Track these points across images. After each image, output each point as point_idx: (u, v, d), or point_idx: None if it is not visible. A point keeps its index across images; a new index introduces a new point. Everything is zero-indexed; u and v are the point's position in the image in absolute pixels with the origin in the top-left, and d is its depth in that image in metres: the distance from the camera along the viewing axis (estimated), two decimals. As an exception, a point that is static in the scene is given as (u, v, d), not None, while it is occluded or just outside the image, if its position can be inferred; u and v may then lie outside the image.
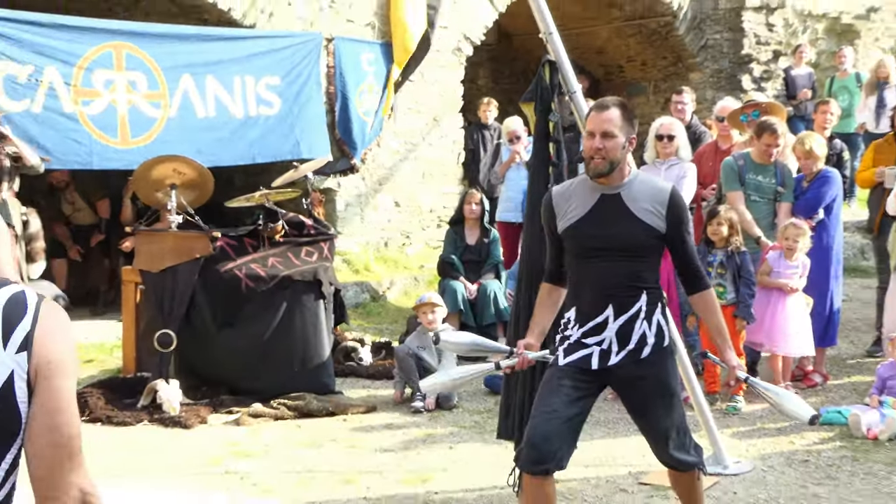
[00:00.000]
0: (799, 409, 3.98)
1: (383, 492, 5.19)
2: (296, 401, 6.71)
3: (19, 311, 1.67)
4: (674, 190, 3.98)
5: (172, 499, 5.13)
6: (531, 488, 3.84)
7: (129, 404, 6.65)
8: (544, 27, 4.97)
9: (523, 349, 3.99)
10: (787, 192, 7.20)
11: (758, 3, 13.23)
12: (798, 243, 6.79)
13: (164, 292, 6.98)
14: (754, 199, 7.14)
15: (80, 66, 8.69)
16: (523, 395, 4.91)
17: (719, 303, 4.91)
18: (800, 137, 7.59)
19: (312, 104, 10.03)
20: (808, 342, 6.88)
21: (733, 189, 7.13)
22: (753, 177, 7.15)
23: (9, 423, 1.66)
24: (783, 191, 7.19)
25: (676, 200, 3.92)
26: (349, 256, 10.43)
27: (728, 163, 7.30)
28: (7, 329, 1.66)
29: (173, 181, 7.32)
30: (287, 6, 10.10)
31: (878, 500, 5.04)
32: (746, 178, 7.14)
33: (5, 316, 1.66)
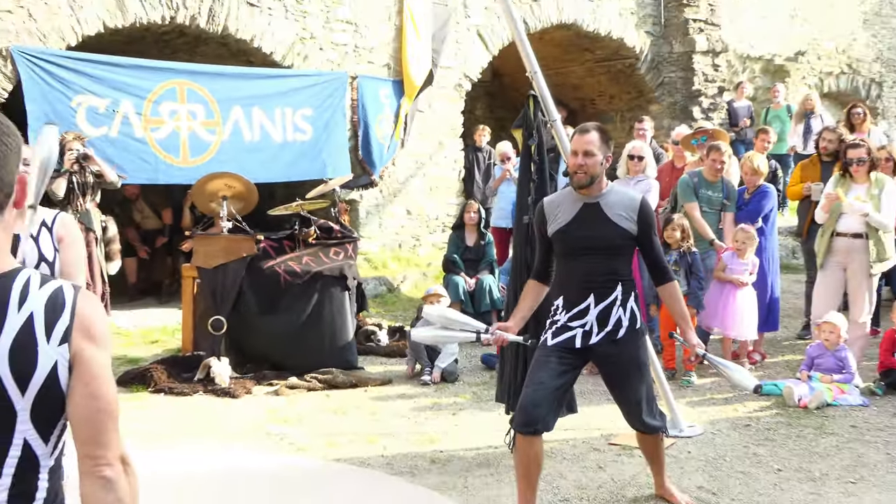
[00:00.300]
0: (745, 379, 4.05)
1: (397, 451, 5.15)
2: (325, 375, 6.69)
3: (59, 307, 1.59)
4: (643, 199, 4.00)
5: (225, 457, 5.09)
6: (522, 445, 3.86)
7: (187, 378, 6.63)
8: (530, 67, 4.95)
9: (498, 330, 4.02)
10: (730, 204, 7.27)
11: (705, 48, 13.19)
12: (747, 245, 6.81)
13: (217, 285, 6.99)
14: (705, 210, 7.19)
15: (150, 99, 8.72)
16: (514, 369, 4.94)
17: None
18: (748, 156, 7.63)
19: (337, 131, 10.02)
20: (754, 328, 6.92)
21: (690, 201, 7.16)
22: (705, 191, 7.22)
23: (58, 402, 1.59)
24: (728, 203, 7.24)
25: (646, 208, 3.93)
26: (369, 256, 10.43)
27: (684, 180, 7.35)
28: (49, 324, 1.58)
29: (225, 193, 7.34)
30: (319, 50, 10.09)
31: (808, 458, 5.01)
32: (699, 193, 7.19)
33: (47, 313, 1.58)
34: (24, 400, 1.55)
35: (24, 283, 1.59)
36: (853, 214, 6.46)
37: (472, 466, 4.88)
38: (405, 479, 4.69)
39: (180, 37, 9.70)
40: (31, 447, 1.57)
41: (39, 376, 1.55)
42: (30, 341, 1.55)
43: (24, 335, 1.55)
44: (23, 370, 1.54)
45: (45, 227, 3.59)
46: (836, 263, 6.63)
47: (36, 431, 1.58)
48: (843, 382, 6.14)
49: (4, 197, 1.58)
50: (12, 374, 1.54)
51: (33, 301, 1.57)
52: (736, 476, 4.72)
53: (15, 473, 1.56)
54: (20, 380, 1.54)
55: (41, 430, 1.58)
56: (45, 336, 1.56)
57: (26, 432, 1.57)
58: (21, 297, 1.57)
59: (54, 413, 1.59)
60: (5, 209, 1.59)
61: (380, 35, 10.52)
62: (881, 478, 4.69)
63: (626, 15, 12.86)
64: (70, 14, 8.40)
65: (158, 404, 6.12)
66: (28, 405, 1.56)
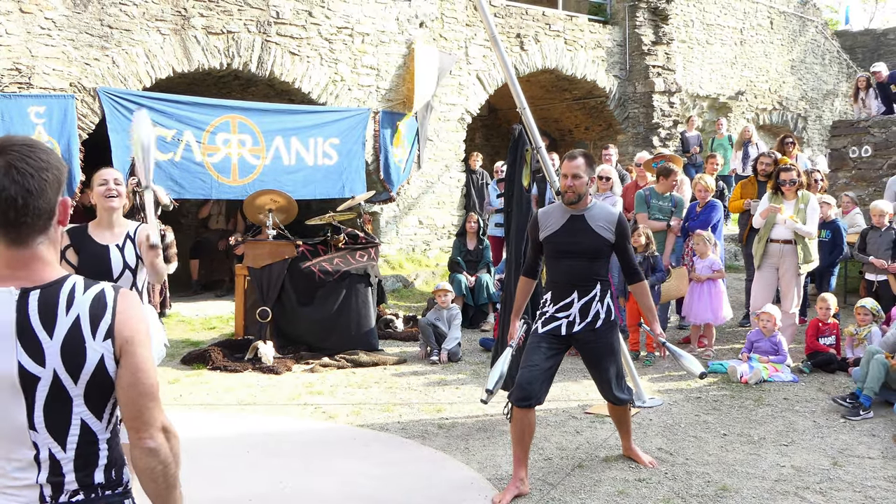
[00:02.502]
0: (694, 366, 4.02)
1: (410, 418, 5.10)
2: (351, 355, 6.63)
3: (102, 307, 1.57)
4: (621, 214, 4.04)
5: (269, 422, 5.04)
6: (519, 416, 3.85)
7: (238, 357, 6.58)
8: (519, 104, 4.91)
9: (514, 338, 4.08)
10: (677, 210, 7.28)
11: (663, 89, 13.12)
12: (705, 248, 6.76)
13: (263, 282, 6.94)
14: (658, 217, 7.24)
15: (208, 130, 8.69)
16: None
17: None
18: (699, 177, 7.63)
19: (357, 158, 9.92)
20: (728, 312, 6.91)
21: (641, 211, 7.29)
22: (656, 202, 7.27)
23: (108, 387, 1.58)
24: (675, 210, 7.27)
25: (622, 221, 3.97)
26: (388, 258, 10.38)
27: (639, 194, 7.46)
28: (94, 323, 1.54)
29: (270, 207, 7.28)
30: (347, 90, 10.06)
31: (748, 424, 4.95)
32: (651, 203, 7.26)
33: (91, 313, 1.55)
34: (77, 388, 1.54)
35: (70, 289, 1.56)
36: (786, 227, 6.41)
37: (473, 431, 4.83)
38: (417, 442, 4.64)
39: (235, 79, 9.68)
40: (87, 424, 1.57)
41: (89, 368, 1.54)
42: (79, 339, 1.53)
43: (72, 334, 1.53)
44: (74, 363, 1.53)
45: (129, 238, 3.50)
46: (770, 265, 6.57)
47: (90, 412, 1.57)
48: (777, 363, 6.08)
49: (47, 220, 1.55)
50: (65, 368, 1.52)
51: (79, 304, 1.54)
52: (689, 440, 4.66)
53: (77, 446, 1.56)
54: (72, 372, 1.53)
55: (94, 410, 1.57)
56: (91, 334, 1.54)
57: (82, 413, 1.56)
58: (68, 301, 1.54)
59: (104, 395, 1.58)
60: (50, 229, 1.57)
61: (397, 78, 10.49)
62: (808, 441, 4.63)
63: (598, 62, 12.81)
64: (146, 61, 8.39)
65: (215, 379, 6.08)
66: (81, 391, 1.55)
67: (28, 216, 1.51)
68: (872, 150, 9.85)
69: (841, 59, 18.32)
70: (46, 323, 1.51)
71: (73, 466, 1.56)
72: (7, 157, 1.51)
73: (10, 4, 7.59)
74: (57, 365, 1.52)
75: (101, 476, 1.59)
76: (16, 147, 1.52)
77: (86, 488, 1.56)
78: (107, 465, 1.60)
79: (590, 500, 3.78)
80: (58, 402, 1.53)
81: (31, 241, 1.54)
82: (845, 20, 23.05)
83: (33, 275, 1.54)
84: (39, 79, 7.75)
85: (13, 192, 1.49)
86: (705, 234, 6.83)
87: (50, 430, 1.54)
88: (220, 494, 3.85)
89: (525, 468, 3.87)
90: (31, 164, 1.51)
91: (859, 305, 6.36)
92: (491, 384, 3.80)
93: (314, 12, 9.66)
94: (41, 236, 1.55)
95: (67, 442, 1.55)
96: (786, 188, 6.48)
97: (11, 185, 1.49)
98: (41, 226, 1.54)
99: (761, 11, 16.16)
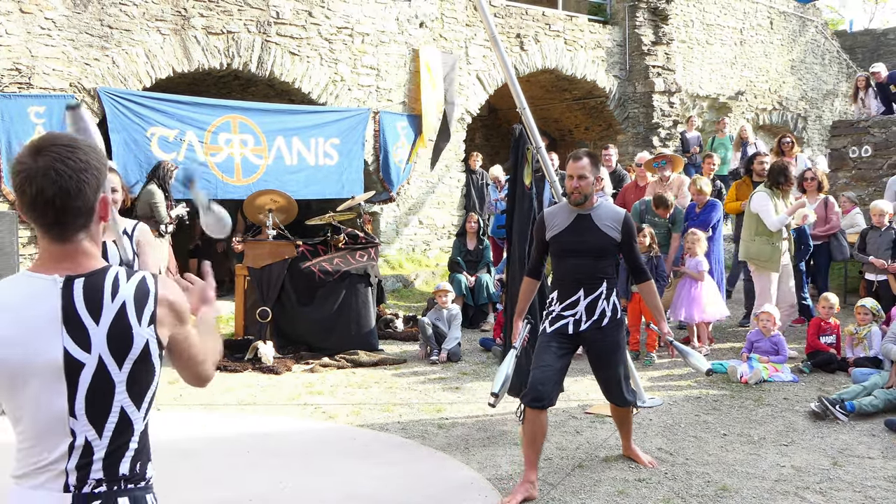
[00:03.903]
0: (700, 364, 4.00)
1: (410, 418, 5.10)
2: (351, 355, 6.63)
3: (145, 294, 1.62)
4: (627, 214, 3.99)
5: (270, 422, 5.04)
6: (531, 417, 3.82)
7: (238, 357, 6.58)
8: (519, 104, 4.89)
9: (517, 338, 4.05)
10: (675, 226, 7.27)
11: (663, 89, 13.11)
12: (696, 245, 6.77)
13: (263, 281, 6.93)
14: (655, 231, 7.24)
15: (209, 130, 8.69)
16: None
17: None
18: (694, 180, 7.59)
19: (356, 159, 9.93)
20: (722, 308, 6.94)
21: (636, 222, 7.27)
22: (651, 217, 7.31)
23: (149, 373, 1.63)
24: (672, 226, 7.27)
25: (628, 221, 3.94)
26: (388, 258, 10.37)
27: (636, 207, 7.49)
28: (139, 310, 1.59)
29: (270, 206, 7.29)
30: (347, 91, 10.05)
31: (748, 424, 4.94)
32: (646, 218, 7.31)
33: (136, 299, 1.60)
34: (121, 373, 1.58)
35: (114, 277, 1.60)
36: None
37: (473, 431, 4.82)
38: (417, 442, 4.64)
39: (235, 79, 9.67)
40: (126, 413, 1.60)
41: (134, 353, 1.58)
42: (125, 325, 1.57)
43: (119, 320, 1.56)
44: (120, 349, 1.57)
45: (125, 234, 3.61)
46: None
47: (131, 400, 1.60)
48: (777, 363, 6.07)
49: (87, 217, 1.60)
50: (111, 353, 1.56)
51: (124, 292, 1.58)
52: (689, 439, 4.65)
53: (112, 434, 1.59)
54: (118, 358, 1.57)
55: (135, 398, 1.61)
56: (137, 319, 1.58)
57: (122, 401, 1.59)
58: (113, 289, 1.58)
59: (146, 383, 1.63)
60: (91, 225, 1.61)
61: (397, 78, 10.49)
62: (808, 441, 4.62)
63: (598, 62, 12.81)
64: (146, 61, 8.39)
65: (215, 379, 6.07)
66: (125, 378, 1.58)
67: (68, 216, 1.56)
68: (872, 150, 9.85)
69: (841, 59, 18.31)
70: (92, 309, 1.55)
71: (104, 454, 1.58)
72: (47, 159, 1.53)
73: (11, 4, 7.58)
74: (103, 351, 1.55)
75: (127, 468, 1.61)
76: (56, 148, 1.55)
77: (109, 480, 1.59)
78: (134, 456, 1.63)
79: (590, 500, 3.77)
80: (101, 389, 1.57)
81: (73, 238, 1.59)
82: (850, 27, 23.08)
83: (77, 265, 1.59)
84: (39, 79, 7.75)
85: (51, 193, 1.53)
86: (698, 234, 6.85)
87: (90, 417, 1.57)
88: (220, 494, 3.85)
89: (536, 471, 3.84)
90: (69, 166, 1.54)
91: (859, 305, 6.35)
92: (496, 387, 3.78)
93: (314, 12, 9.66)
94: (82, 233, 1.60)
95: (105, 429, 1.58)
96: (785, 187, 6.54)
97: (50, 187, 1.52)
98: (81, 224, 1.59)
99: (761, 11, 16.16)
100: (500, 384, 3.77)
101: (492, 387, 3.79)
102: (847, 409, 4.96)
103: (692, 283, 6.77)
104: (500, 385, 3.77)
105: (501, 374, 3.81)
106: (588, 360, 4.10)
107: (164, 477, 2.04)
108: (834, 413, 4.93)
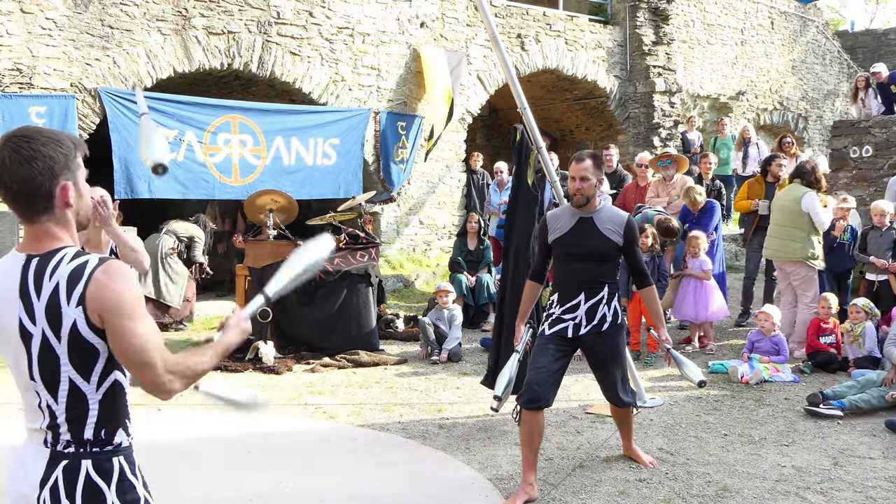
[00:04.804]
0: (694, 375, 3.98)
1: (411, 418, 5.10)
2: (352, 355, 6.63)
3: (79, 276, 1.70)
4: (629, 217, 3.96)
5: (270, 422, 5.04)
6: (527, 418, 3.81)
7: (239, 357, 6.57)
8: (520, 104, 4.89)
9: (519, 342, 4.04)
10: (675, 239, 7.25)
11: (663, 89, 13.11)
12: (698, 247, 6.77)
13: (264, 282, 6.86)
14: None
15: (209, 130, 8.69)
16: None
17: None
18: (686, 191, 7.52)
19: (354, 159, 9.92)
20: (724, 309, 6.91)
21: None
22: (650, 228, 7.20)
23: (89, 350, 1.72)
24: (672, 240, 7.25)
25: (631, 224, 3.91)
26: (389, 258, 10.37)
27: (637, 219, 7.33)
28: (69, 289, 1.69)
29: (270, 207, 7.28)
30: (348, 91, 10.06)
31: (749, 425, 4.94)
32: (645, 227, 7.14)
33: (69, 280, 1.69)
34: (61, 346, 1.70)
35: (60, 258, 1.72)
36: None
37: (473, 431, 4.82)
38: (418, 442, 4.64)
39: (235, 80, 9.68)
40: (75, 383, 1.72)
41: (65, 330, 1.69)
42: (56, 303, 1.69)
43: (52, 298, 1.69)
44: (54, 324, 1.69)
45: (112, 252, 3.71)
46: None
47: (76, 372, 1.72)
48: (778, 363, 6.07)
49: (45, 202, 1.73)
50: (49, 327, 1.69)
51: (61, 272, 1.70)
52: (690, 440, 4.65)
53: (66, 403, 1.73)
54: (55, 332, 1.70)
55: (81, 371, 1.72)
56: (66, 299, 1.69)
57: (69, 372, 1.72)
58: (53, 268, 1.71)
59: (89, 359, 1.72)
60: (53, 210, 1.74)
61: (398, 78, 10.49)
62: (809, 441, 4.62)
63: (599, 62, 12.81)
64: (147, 62, 8.39)
65: (215, 379, 6.07)
66: (65, 351, 1.70)
67: (24, 200, 1.72)
68: (873, 150, 9.84)
69: (842, 59, 18.30)
70: (36, 286, 1.70)
71: (65, 419, 1.73)
72: (4, 150, 1.70)
73: (11, 5, 7.59)
74: (44, 324, 1.70)
75: (91, 433, 1.74)
76: (13, 140, 1.71)
77: (76, 441, 1.73)
78: (97, 423, 1.75)
79: (590, 501, 3.77)
80: (48, 358, 1.71)
81: (37, 220, 1.74)
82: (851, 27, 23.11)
83: (40, 245, 1.75)
84: (40, 79, 7.76)
85: (5, 179, 1.71)
86: (699, 236, 6.86)
87: (44, 383, 1.73)
88: (221, 494, 3.85)
89: (534, 472, 3.83)
90: (21, 154, 1.69)
91: (852, 304, 6.39)
92: (499, 391, 3.77)
93: (315, 12, 9.66)
94: (44, 216, 1.74)
95: (59, 396, 1.72)
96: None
97: (4, 174, 1.71)
98: (42, 207, 1.73)
99: (762, 11, 16.15)
100: (503, 387, 3.77)
101: (495, 390, 3.79)
102: (834, 406, 4.99)
103: (696, 283, 6.78)
104: (503, 388, 3.77)
105: (504, 378, 3.81)
106: (587, 362, 4.10)
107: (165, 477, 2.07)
108: (821, 413, 4.96)
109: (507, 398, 3.82)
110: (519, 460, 4.02)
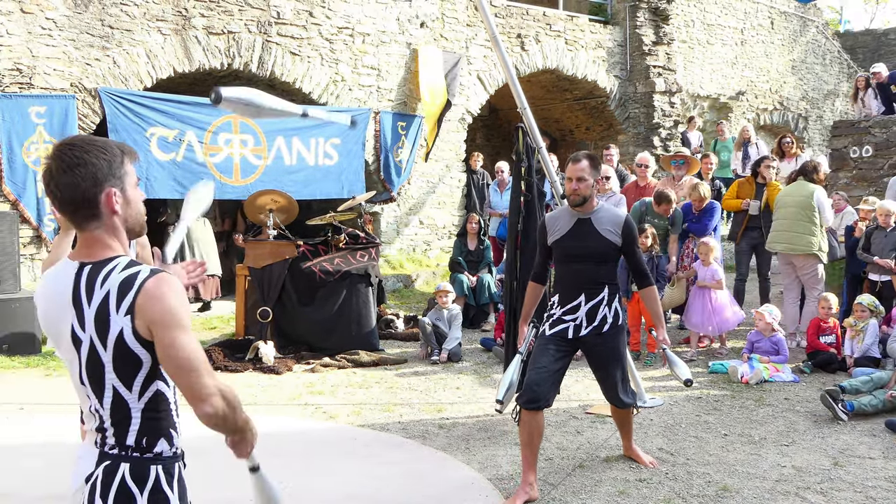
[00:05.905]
0: (681, 373, 4.00)
1: (411, 418, 5.10)
2: (352, 355, 6.63)
3: (129, 286, 1.72)
4: (627, 217, 3.98)
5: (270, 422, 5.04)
6: (527, 419, 3.81)
7: (239, 357, 6.58)
8: (520, 104, 4.90)
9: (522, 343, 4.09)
10: (673, 228, 7.23)
11: (663, 89, 13.11)
12: (709, 255, 6.71)
13: (264, 282, 6.93)
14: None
15: (209, 130, 8.69)
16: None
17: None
18: (693, 185, 7.53)
19: (356, 159, 9.92)
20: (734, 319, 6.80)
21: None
22: (651, 218, 7.22)
23: (132, 359, 1.75)
24: (671, 227, 7.22)
25: (629, 224, 3.92)
26: (389, 258, 10.37)
27: (636, 207, 7.40)
28: (119, 298, 1.72)
29: (271, 207, 7.27)
30: (348, 91, 10.06)
31: (749, 424, 4.94)
32: (646, 219, 7.20)
33: (119, 289, 1.72)
34: (106, 354, 1.73)
35: (112, 267, 1.75)
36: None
37: (473, 431, 4.83)
38: (418, 442, 4.64)
39: (235, 79, 9.66)
40: (118, 391, 1.76)
41: (112, 338, 1.72)
42: (106, 311, 1.72)
43: (103, 306, 1.72)
44: (102, 331, 1.73)
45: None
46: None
47: (120, 381, 1.75)
48: (778, 363, 6.07)
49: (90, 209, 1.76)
50: (97, 334, 1.73)
51: (112, 281, 1.73)
52: (690, 440, 4.65)
53: (111, 408, 1.77)
54: (102, 339, 1.73)
55: (124, 380, 1.75)
56: (116, 307, 1.72)
57: (113, 381, 1.75)
58: (105, 277, 1.74)
59: (132, 368, 1.75)
60: (101, 216, 1.78)
61: (398, 78, 10.49)
62: (809, 441, 4.62)
63: (599, 62, 12.81)
64: (147, 62, 8.40)
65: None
66: (110, 359, 1.74)
67: (67, 207, 1.76)
68: (873, 150, 9.84)
69: (842, 59, 18.31)
70: (88, 293, 1.74)
71: (111, 423, 1.78)
72: (51, 159, 1.75)
73: (12, 5, 7.59)
74: (92, 331, 1.74)
75: (133, 440, 1.77)
76: (59, 148, 1.76)
77: (119, 445, 1.77)
78: (139, 431, 1.78)
79: (590, 501, 3.77)
80: (94, 364, 1.75)
81: (86, 227, 1.78)
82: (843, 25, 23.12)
83: (91, 254, 1.79)
84: (40, 79, 7.76)
85: (52, 187, 1.75)
86: (710, 243, 6.78)
87: (92, 389, 1.77)
88: (221, 494, 3.85)
89: (534, 472, 3.83)
90: (65, 162, 1.73)
91: (857, 302, 6.39)
92: (501, 393, 3.77)
93: (315, 12, 9.66)
94: (93, 223, 1.78)
95: (104, 402, 1.77)
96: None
97: (49, 183, 1.75)
98: (88, 214, 1.77)
99: (762, 11, 16.15)
100: (506, 390, 3.77)
101: (497, 393, 3.79)
102: (847, 409, 4.97)
103: (707, 293, 6.70)
104: (506, 391, 3.77)
105: (507, 380, 3.81)
106: (587, 363, 4.11)
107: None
108: (836, 411, 4.94)
109: (510, 401, 3.82)
110: (519, 460, 4.03)
